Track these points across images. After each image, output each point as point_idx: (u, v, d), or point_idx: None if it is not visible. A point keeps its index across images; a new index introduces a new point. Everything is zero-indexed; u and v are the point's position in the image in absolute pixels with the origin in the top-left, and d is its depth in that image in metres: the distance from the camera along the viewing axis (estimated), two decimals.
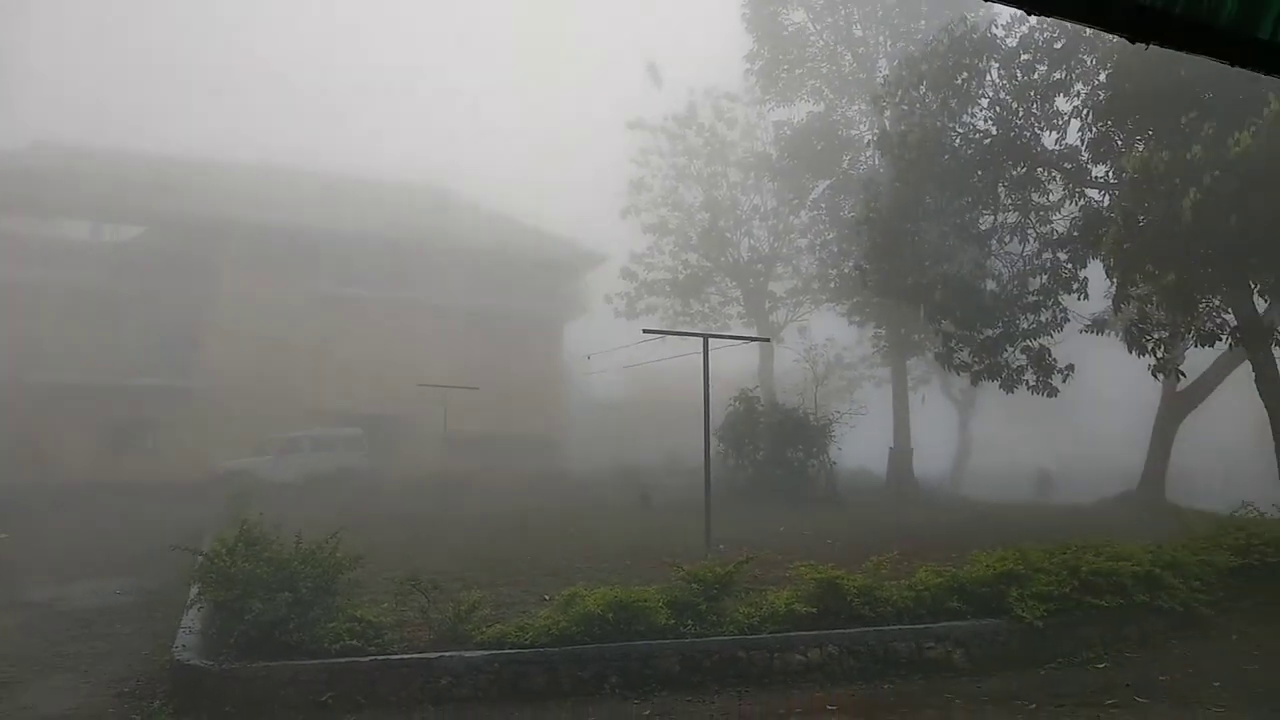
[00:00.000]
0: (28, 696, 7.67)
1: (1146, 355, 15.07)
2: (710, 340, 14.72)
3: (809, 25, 30.47)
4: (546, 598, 9.49)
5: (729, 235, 34.81)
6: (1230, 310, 14.68)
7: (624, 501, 21.61)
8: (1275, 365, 14.97)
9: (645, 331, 14.30)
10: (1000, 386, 18.77)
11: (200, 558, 8.88)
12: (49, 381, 27.80)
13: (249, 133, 64.13)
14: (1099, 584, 9.28)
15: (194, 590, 9.15)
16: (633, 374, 39.17)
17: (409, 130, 75.89)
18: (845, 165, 29.17)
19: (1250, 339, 14.46)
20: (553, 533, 15.97)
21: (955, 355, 18.67)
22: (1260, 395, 15.09)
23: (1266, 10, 1.55)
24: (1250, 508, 12.80)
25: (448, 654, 7.71)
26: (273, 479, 24.33)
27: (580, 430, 35.72)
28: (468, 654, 7.72)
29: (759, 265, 35.19)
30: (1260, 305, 14.89)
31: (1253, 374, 15.40)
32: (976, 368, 18.63)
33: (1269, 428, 15.02)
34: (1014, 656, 8.59)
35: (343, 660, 7.52)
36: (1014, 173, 17.63)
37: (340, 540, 8.78)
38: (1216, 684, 7.72)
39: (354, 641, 7.66)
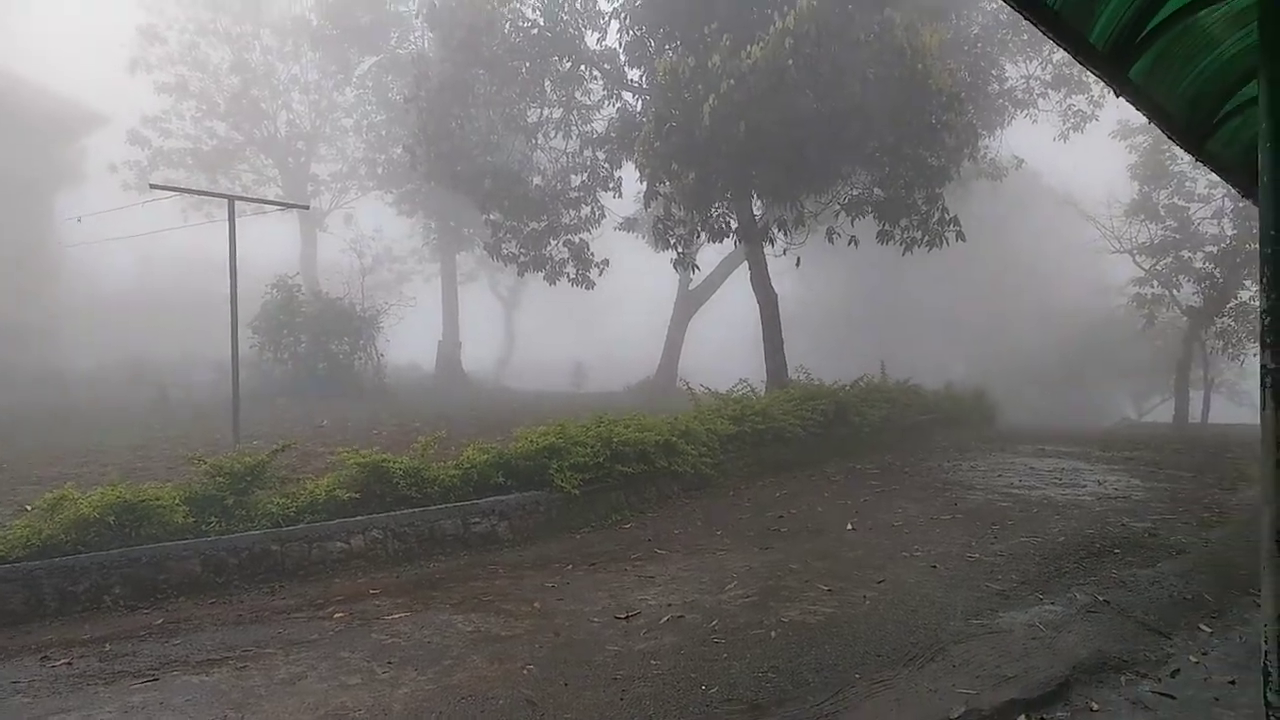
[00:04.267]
0: None
1: (669, 250, 16.65)
2: (242, 223, 12.95)
3: None
4: (28, 508, 7.79)
5: (264, 106, 31.25)
6: (734, 213, 16.67)
7: (135, 401, 18.85)
8: (765, 263, 17.43)
9: (153, 187, 12.03)
10: (544, 278, 19.60)
11: None
12: None
13: None
14: (627, 453, 10.16)
15: None
16: (150, 261, 34.08)
17: None
18: (394, 43, 27.71)
19: (749, 237, 16.57)
20: (36, 437, 13.31)
21: (504, 246, 19.04)
22: (753, 289, 17.55)
23: None
24: (745, 384, 14.93)
25: None
26: None
27: (80, 320, 30.00)
28: None
29: (300, 144, 32.26)
30: (758, 209, 17.05)
31: (749, 271, 17.84)
32: (523, 259, 19.20)
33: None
34: (554, 524, 9.05)
35: None
36: (560, 68, 18.03)
37: None
38: (719, 532, 8.86)
39: None
